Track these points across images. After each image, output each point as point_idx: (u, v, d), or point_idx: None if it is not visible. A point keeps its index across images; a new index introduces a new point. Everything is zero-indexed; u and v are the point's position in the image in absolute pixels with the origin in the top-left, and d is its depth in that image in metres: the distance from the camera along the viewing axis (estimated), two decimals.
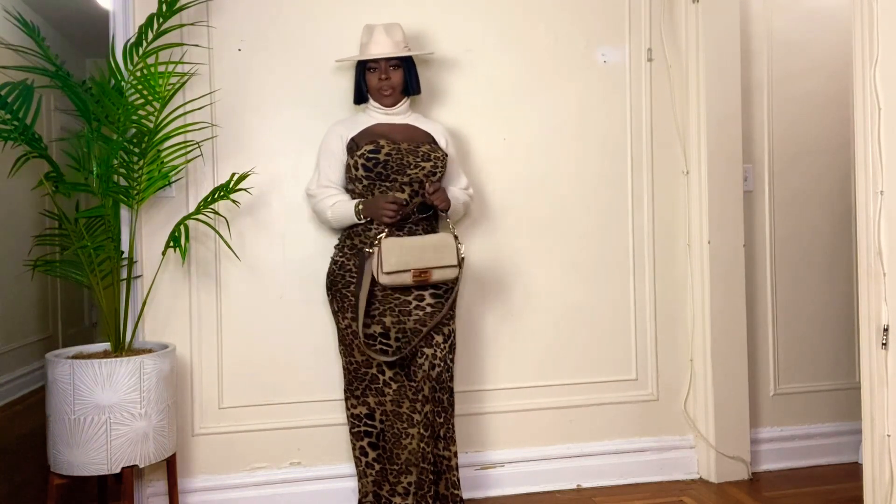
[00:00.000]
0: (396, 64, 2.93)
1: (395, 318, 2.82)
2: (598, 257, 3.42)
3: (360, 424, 2.88)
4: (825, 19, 3.61)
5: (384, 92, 2.92)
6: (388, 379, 2.83)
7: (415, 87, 3.00)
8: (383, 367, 2.83)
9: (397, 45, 2.91)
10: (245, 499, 3.08)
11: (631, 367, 3.46)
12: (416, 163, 2.86)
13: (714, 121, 3.38)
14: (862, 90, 2.49)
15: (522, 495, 3.28)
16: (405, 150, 2.86)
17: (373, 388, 2.84)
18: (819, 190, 3.64)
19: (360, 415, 2.87)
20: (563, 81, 3.39)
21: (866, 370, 2.50)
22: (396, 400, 2.82)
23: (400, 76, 2.94)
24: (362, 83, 2.97)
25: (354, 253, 2.87)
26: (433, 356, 2.82)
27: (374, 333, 2.82)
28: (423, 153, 2.88)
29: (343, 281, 2.87)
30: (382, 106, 2.95)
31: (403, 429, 2.81)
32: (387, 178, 2.84)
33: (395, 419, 2.83)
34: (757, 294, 3.55)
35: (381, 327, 2.82)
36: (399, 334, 2.82)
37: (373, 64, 2.92)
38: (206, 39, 3.07)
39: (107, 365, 2.58)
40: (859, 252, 2.54)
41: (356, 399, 2.87)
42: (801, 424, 3.61)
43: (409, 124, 2.98)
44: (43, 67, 2.77)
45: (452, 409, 2.90)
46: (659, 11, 3.46)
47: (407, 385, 2.82)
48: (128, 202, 2.83)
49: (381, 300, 2.82)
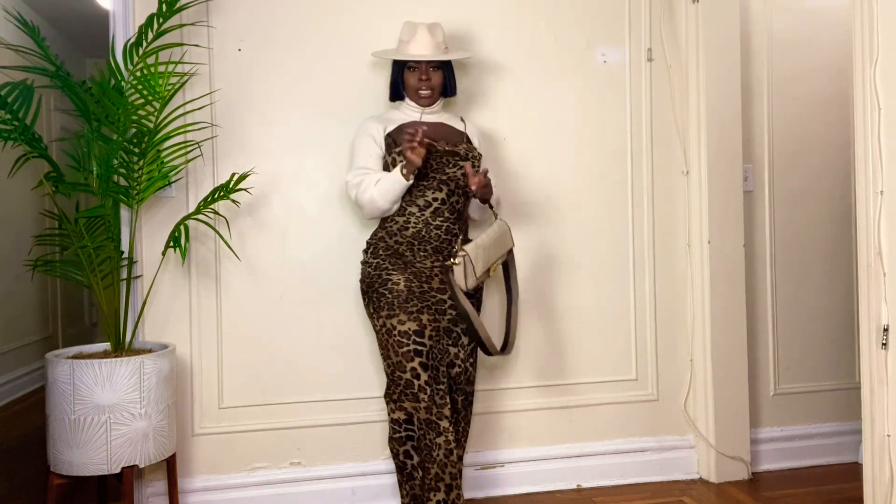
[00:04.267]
0: (437, 65, 2.91)
1: (432, 315, 2.77)
2: (598, 257, 3.42)
3: (400, 430, 2.80)
4: (825, 19, 3.61)
5: (423, 93, 2.90)
6: (424, 383, 2.70)
7: (452, 90, 2.98)
8: (418, 370, 2.70)
9: (438, 47, 2.88)
10: (245, 499, 3.08)
11: (631, 367, 3.46)
12: (455, 162, 2.85)
13: (714, 121, 3.38)
14: (862, 90, 2.49)
15: (522, 495, 3.28)
16: (444, 149, 2.85)
17: (407, 393, 2.71)
18: (819, 190, 3.64)
19: (400, 420, 2.79)
20: (563, 81, 3.39)
21: (866, 370, 2.50)
22: (430, 407, 2.70)
23: (440, 78, 2.91)
24: (399, 80, 2.94)
25: (391, 254, 2.80)
26: (456, 355, 2.84)
27: (408, 331, 2.70)
28: (462, 153, 2.88)
29: (380, 280, 2.76)
30: (419, 106, 2.93)
31: (432, 439, 2.70)
32: (425, 177, 2.81)
33: (428, 428, 2.71)
34: (757, 294, 3.55)
35: (418, 324, 2.71)
36: (433, 332, 2.75)
37: (413, 63, 2.90)
38: (206, 39, 3.07)
39: (107, 365, 2.58)
40: (859, 252, 2.54)
41: (394, 403, 2.79)
42: (801, 424, 3.61)
43: (444, 123, 2.96)
44: (43, 67, 2.76)
45: (467, 413, 2.90)
46: (659, 11, 3.46)
47: (435, 388, 2.71)
48: (128, 202, 2.83)
49: (419, 297, 2.76)
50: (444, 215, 2.83)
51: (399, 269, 2.77)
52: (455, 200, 2.87)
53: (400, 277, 2.75)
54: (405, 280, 2.75)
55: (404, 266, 2.78)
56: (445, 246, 2.82)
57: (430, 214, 2.81)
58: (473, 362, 2.91)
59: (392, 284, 2.75)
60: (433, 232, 2.81)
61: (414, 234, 2.80)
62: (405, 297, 2.72)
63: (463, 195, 2.88)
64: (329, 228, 3.13)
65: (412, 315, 2.72)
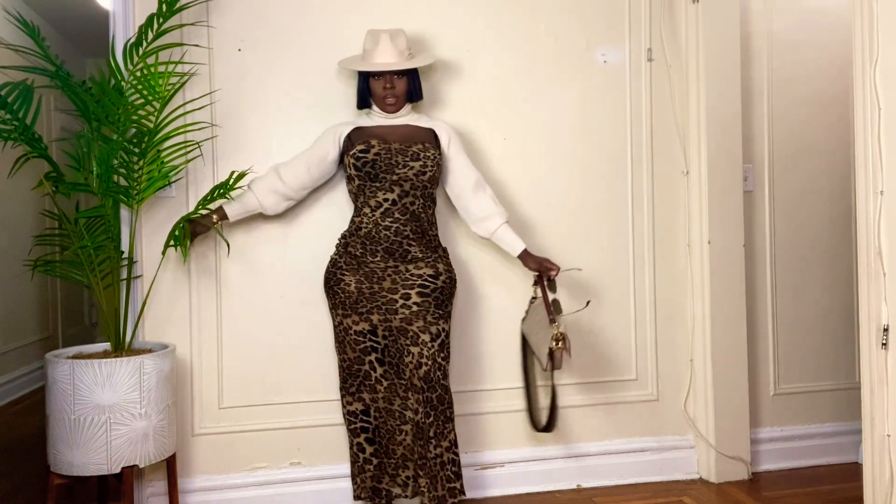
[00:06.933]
0: (401, 73, 2.94)
1: (383, 315, 2.86)
2: (598, 257, 3.42)
3: (356, 421, 2.94)
4: (825, 19, 3.61)
5: (388, 101, 2.95)
6: (380, 376, 2.90)
7: (418, 94, 3.03)
8: (374, 364, 2.89)
9: (402, 54, 2.93)
10: (245, 499, 3.08)
11: (631, 367, 3.46)
12: (405, 162, 2.89)
13: (714, 121, 3.38)
14: (862, 90, 2.49)
15: (522, 495, 3.28)
16: (395, 149, 2.90)
17: (366, 385, 2.91)
18: (819, 190, 3.64)
19: (356, 411, 2.93)
20: (563, 81, 3.39)
21: (866, 370, 2.50)
22: (388, 397, 2.91)
23: (404, 85, 2.96)
24: (365, 89, 2.99)
25: (347, 253, 2.93)
26: (419, 354, 2.83)
27: (362, 330, 2.87)
28: (412, 153, 2.90)
29: (335, 278, 2.91)
30: (386, 113, 2.98)
31: (396, 426, 2.90)
32: (376, 178, 2.89)
33: (388, 416, 2.92)
34: (757, 294, 3.55)
35: (369, 324, 2.87)
36: (385, 332, 2.87)
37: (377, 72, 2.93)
38: (206, 39, 3.07)
39: (107, 365, 2.58)
40: (859, 252, 2.54)
41: (351, 396, 2.94)
42: (801, 424, 3.61)
43: (409, 124, 3.00)
44: (43, 67, 2.76)
45: (446, 407, 2.86)
46: (659, 11, 3.46)
47: (397, 383, 2.89)
48: (128, 202, 2.83)
49: (369, 298, 2.86)
50: (394, 216, 2.89)
51: (352, 270, 2.89)
52: (408, 202, 2.91)
53: (352, 279, 2.88)
54: (356, 281, 2.87)
55: (357, 266, 2.89)
56: (396, 247, 2.89)
57: (379, 215, 2.90)
58: (445, 357, 2.87)
59: (344, 285, 2.89)
60: (382, 233, 2.88)
61: (366, 234, 2.90)
62: (355, 298, 2.86)
63: (420, 196, 2.92)
64: (329, 228, 3.13)
65: (363, 315, 2.86)
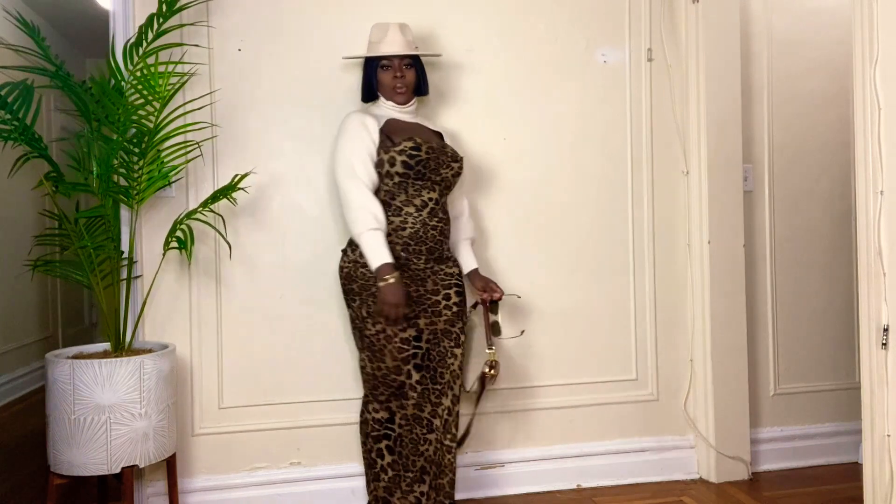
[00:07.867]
0: (410, 63, 2.90)
1: (428, 318, 2.79)
2: (598, 257, 3.42)
3: (380, 429, 2.81)
4: (825, 19, 3.61)
5: (399, 90, 2.88)
6: (415, 382, 2.76)
7: (425, 87, 2.98)
8: (412, 371, 2.75)
9: (409, 45, 2.90)
10: (245, 499, 3.08)
11: (631, 367, 3.46)
12: (448, 162, 2.85)
13: (714, 121, 3.38)
14: (862, 90, 2.49)
15: (522, 495, 3.28)
16: (437, 148, 2.84)
17: (399, 393, 2.77)
18: (819, 190, 3.64)
19: (382, 419, 2.80)
20: (563, 81, 3.39)
21: (866, 370, 2.50)
22: (419, 404, 2.77)
23: (413, 75, 2.91)
24: (373, 80, 2.92)
25: None
26: (462, 355, 2.84)
27: (408, 337, 2.74)
28: (450, 153, 2.88)
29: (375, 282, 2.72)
30: (396, 104, 2.91)
31: (422, 434, 2.78)
32: (422, 177, 2.79)
33: (415, 423, 2.78)
34: (757, 294, 3.55)
35: (416, 330, 2.76)
36: (430, 336, 2.79)
37: (386, 62, 2.88)
38: (206, 39, 3.07)
39: (107, 365, 2.58)
40: (859, 252, 2.54)
41: (379, 404, 2.80)
42: (801, 424, 3.61)
43: (420, 124, 2.96)
44: (43, 67, 2.76)
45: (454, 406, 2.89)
46: (659, 11, 3.46)
47: (431, 388, 2.79)
48: (128, 202, 2.83)
49: (416, 301, 2.77)
50: (439, 216, 2.84)
51: None
52: (444, 201, 2.89)
53: None
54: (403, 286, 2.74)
55: (400, 269, 2.74)
56: (437, 247, 2.84)
57: (426, 215, 2.81)
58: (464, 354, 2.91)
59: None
60: (430, 233, 2.81)
61: (412, 234, 2.79)
62: None
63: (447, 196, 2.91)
64: (329, 228, 3.13)
65: (410, 321, 2.75)
